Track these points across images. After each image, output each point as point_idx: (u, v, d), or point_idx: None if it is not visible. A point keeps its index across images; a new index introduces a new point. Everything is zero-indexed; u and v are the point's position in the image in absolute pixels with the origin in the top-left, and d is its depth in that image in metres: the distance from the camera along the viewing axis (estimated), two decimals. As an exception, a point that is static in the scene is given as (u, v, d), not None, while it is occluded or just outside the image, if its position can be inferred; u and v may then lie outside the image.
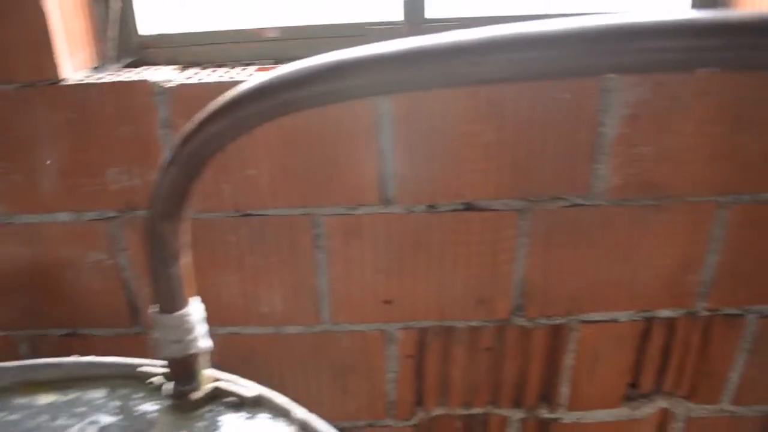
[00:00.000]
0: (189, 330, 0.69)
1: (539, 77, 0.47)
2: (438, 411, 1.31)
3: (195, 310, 0.70)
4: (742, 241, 1.17)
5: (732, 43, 0.41)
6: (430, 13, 1.17)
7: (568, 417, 1.32)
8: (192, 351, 0.70)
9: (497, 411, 1.32)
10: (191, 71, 1.15)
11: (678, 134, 1.08)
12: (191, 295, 0.70)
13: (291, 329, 1.22)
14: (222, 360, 1.18)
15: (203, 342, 0.71)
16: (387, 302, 1.19)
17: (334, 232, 1.14)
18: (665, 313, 1.23)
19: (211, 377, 0.76)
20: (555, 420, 1.33)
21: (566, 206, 1.12)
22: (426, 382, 1.28)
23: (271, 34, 1.21)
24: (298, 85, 0.52)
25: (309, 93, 0.52)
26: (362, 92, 0.51)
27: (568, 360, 1.26)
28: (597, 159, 1.09)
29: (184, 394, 0.73)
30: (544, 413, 1.32)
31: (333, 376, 1.27)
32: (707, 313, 1.23)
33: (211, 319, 1.19)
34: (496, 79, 0.47)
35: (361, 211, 1.12)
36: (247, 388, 0.75)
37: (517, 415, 1.32)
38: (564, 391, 1.30)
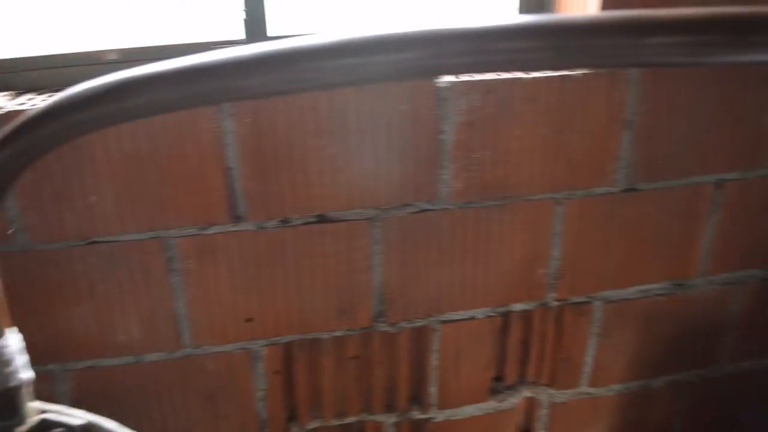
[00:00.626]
0: (7, 362, 0.66)
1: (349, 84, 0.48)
2: (312, 424, 1.32)
3: (11, 341, 0.67)
4: (580, 234, 1.25)
5: (570, 43, 0.44)
6: (271, 30, 1.18)
7: (439, 416, 1.36)
8: (12, 383, 0.67)
9: (371, 418, 1.34)
10: (25, 97, 1.10)
11: (510, 138, 1.15)
12: (6, 326, 0.67)
13: (152, 356, 1.19)
14: (81, 396, 1.14)
15: (24, 373, 0.69)
16: (249, 320, 1.19)
17: (187, 253, 1.12)
18: (519, 306, 1.29)
19: (37, 409, 0.73)
20: (428, 420, 1.36)
21: (416, 212, 1.17)
22: (297, 396, 1.28)
23: (111, 57, 1.19)
24: (81, 107, 0.52)
25: (95, 114, 0.52)
26: (147, 111, 0.52)
27: (433, 360, 1.30)
28: (440, 165, 1.14)
29: (9, 429, 0.70)
30: (417, 414, 1.35)
31: (202, 400, 1.25)
32: (557, 303, 1.31)
33: (65, 354, 1.14)
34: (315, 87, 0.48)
35: (213, 230, 1.11)
36: (76, 417, 0.73)
37: (390, 419, 1.35)
38: (433, 390, 1.33)
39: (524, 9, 1.25)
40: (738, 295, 1.42)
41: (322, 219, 1.14)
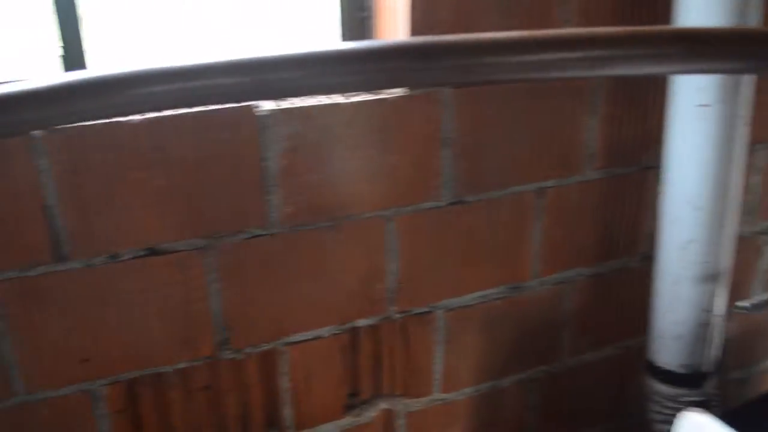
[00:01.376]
0: None
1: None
2: (166, 460, 1.30)
3: None
4: (414, 247, 1.32)
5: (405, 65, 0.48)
6: (91, 64, 1.18)
7: (296, 437, 1.38)
8: None
9: (227, 446, 1.33)
10: None
11: (336, 161, 1.19)
12: None
13: (-19, 408, 1.14)
14: None
15: None
16: (84, 360, 1.16)
17: (11, 297, 1.09)
18: (363, 322, 1.34)
19: None
20: (285, 443, 1.38)
21: (248, 238, 1.19)
22: (145, 433, 1.26)
23: None
24: None
25: None
26: None
27: (284, 383, 1.32)
28: (267, 191, 1.17)
29: None
30: (273, 438, 1.36)
31: (42, 448, 1.20)
32: (400, 316, 1.36)
33: None
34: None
35: (36, 271, 1.09)
36: None
37: (247, 446, 1.35)
38: (288, 413, 1.35)
39: (347, 36, 1.31)
40: (570, 292, 1.53)
41: (152, 252, 1.14)
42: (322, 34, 1.34)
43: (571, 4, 1.27)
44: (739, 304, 1.22)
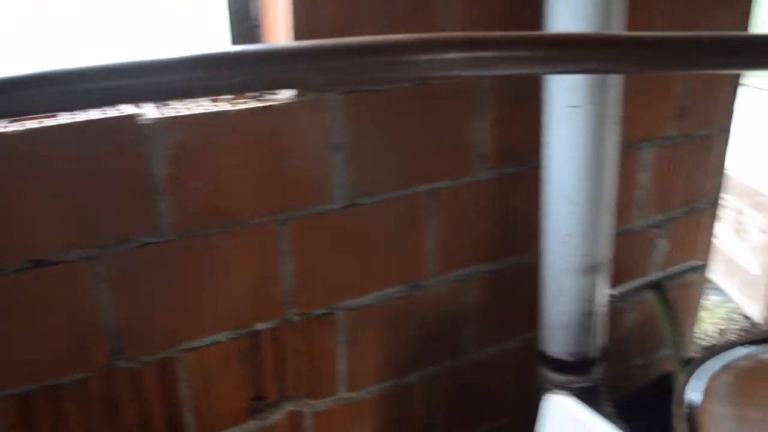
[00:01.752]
0: None
1: None
2: (64, 473, 1.29)
3: None
4: (310, 250, 1.34)
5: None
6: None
7: (200, 443, 1.38)
8: None
9: (128, 456, 1.33)
10: None
11: (224, 168, 1.21)
12: None
13: None
14: None
15: None
16: (-30, 376, 1.14)
17: None
18: (262, 325, 1.35)
19: None
20: (189, 449, 1.38)
21: (137, 246, 1.19)
22: (41, 447, 1.25)
23: None
24: None
25: None
26: None
27: (184, 390, 1.33)
28: (155, 198, 1.18)
29: None
30: (176, 446, 1.36)
31: (-70, 468, 1.18)
32: (300, 318, 1.38)
33: None
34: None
35: None
36: None
37: (149, 455, 1.35)
38: (189, 420, 1.36)
39: (236, 40, 1.32)
40: (470, 289, 1.58)
41: (37, 264, 1.13)
42: (210, 37, 1.36)
43: (453, 11, 1.32)
44: (610, 292, 1.29)
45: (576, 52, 0.60)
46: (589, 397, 1.40)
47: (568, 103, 1.21)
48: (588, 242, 1.29)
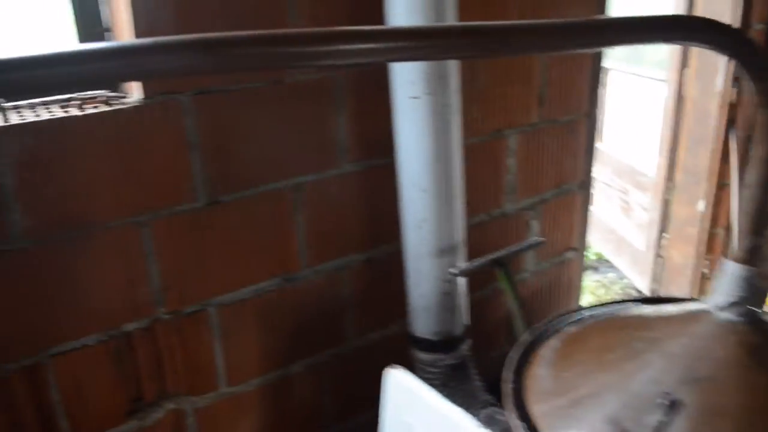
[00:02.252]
0: None
1: None
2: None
3: None
4: (176, 249, 1.37)
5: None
6: None
7: (77, 448, 1.39)
8: None
9: (1, 467, 1.33)
10: None
11: (78, 173, 1.23)
12: None
13: None
14: None
15: None
16: None
17: None
18: (132, 326, 1.37)
19: None
20: (66, 455, 1.39)
21: (-10, 255, 1.19)
22: None
23: None
24: None
25: None
26: None
27: (55, 396, 1.33)
28: (6, 206, 1.18)
29: None
30: (52, 452, 1.37)
31: None
32: (170, 316, 1.41)
33: None
34: None
35: None
36: None
37: (23, 463, 1.35)
38: (64, 425, 1.36)
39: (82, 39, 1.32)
40: (346, 278, 1.64)
41: None
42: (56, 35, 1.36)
43: (301, 10, 1.37)
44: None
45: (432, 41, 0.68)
46: (457, 373, 1.48)
47: (409, 95, 1.28)
48: (440, 226, 1.36)
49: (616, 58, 3.25)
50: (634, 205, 3.13)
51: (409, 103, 1.28)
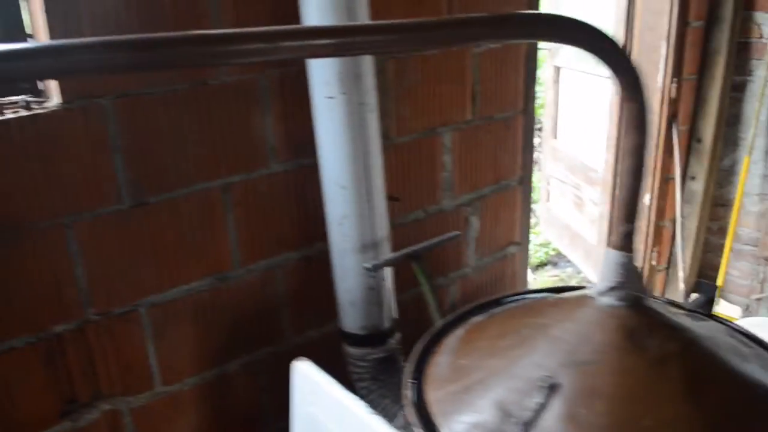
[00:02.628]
0: None
1: None
2: None
3: None
4: (102, 251, 1.39)
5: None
6: None
7: (9, 451, 1.40)
8: None
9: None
10: None
11: (2, 175, 1.25)
12: None
13: None
14: None
15: None
16: None
17: None
18: (61, 327, 1.39)
19: None
20: (-2, 457, 1.40)
21: None
22: None
23: None
24: None
25: None
26: None
27: (-17, 398, 1.35)
28: None
29: None
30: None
31: None
32: (99, 317, 1.43)
33: None
34: None
35: None
36: None
37: (-47, 466, 1.36)
38: (-6, 427, 1.38)
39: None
40: (282, 276, 1.67)
41: None
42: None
43: (223, 16, 1.40)
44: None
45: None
46: (386, 366, 1.52)
47: (325, 95, 1.31)
48: (362, 222, 1.40)
49: (566, 57, 3.31)
50: (587, 201, 3.20)
51: (326, 103, 1.32)
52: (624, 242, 0.92)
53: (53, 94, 1.30)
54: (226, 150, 1.49)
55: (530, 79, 2.08)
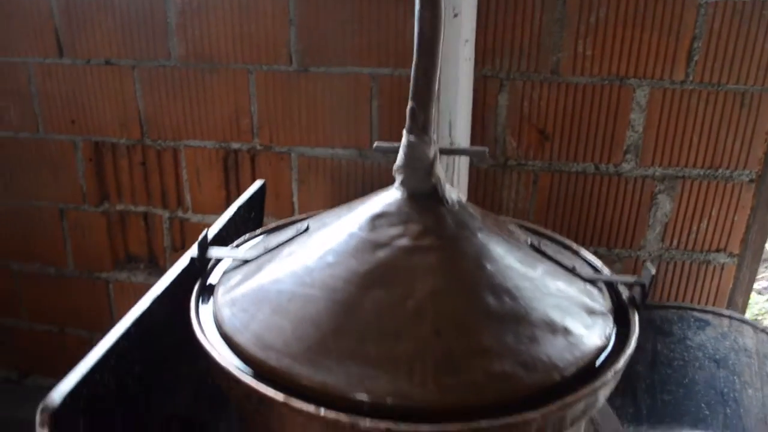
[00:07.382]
0: None
1: None
2: (119, 206, 2.07)
3: None
4: (269, 98, 1.83)
5: None
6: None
7: (194, 218, 2.02)
8: None
9: (154, 210, 2.04)
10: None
11: (211, 24, 1.77)
12: None
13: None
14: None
15: None
16: (73, 121, 1.98)
17: (39, 74, 1.95)
18: (235, 145, 1.90)
19: None
20: (187, 219, 2.03)
21: (157, 66, 1.85)
22: (106, 182, 2.04)
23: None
24: None
25: None
26: None
27: (184, 174, 1.97)
28: (168, 36, 1.81)
29: None
30: (181, 214, 2.03)
31: (49, 171, 2.07)
32: (262, 148, 1.89)
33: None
34: None
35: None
36: None
37: (165, 214, 2.04)
38: (188, 198, 2.00)
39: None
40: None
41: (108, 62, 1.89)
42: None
43: None
44: None
45: None
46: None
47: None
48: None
49: None
50: None
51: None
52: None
53: (262, -30, 1.75)
54: (378, 44, 1.73)
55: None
